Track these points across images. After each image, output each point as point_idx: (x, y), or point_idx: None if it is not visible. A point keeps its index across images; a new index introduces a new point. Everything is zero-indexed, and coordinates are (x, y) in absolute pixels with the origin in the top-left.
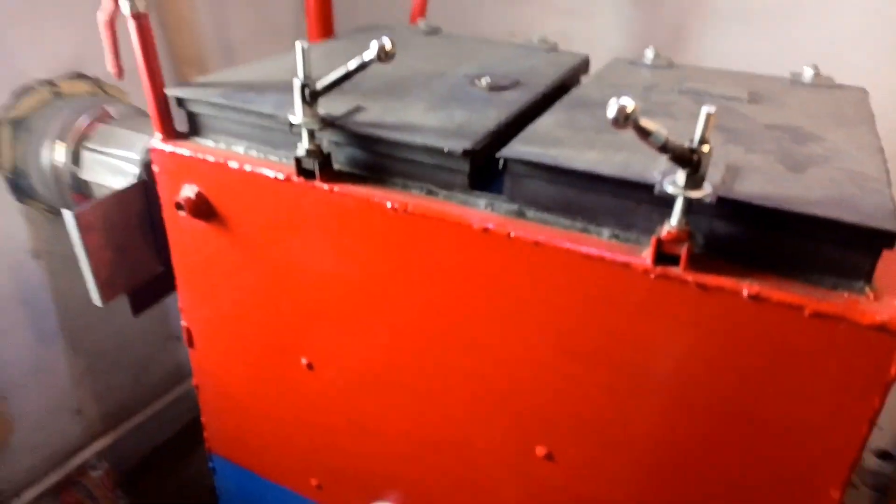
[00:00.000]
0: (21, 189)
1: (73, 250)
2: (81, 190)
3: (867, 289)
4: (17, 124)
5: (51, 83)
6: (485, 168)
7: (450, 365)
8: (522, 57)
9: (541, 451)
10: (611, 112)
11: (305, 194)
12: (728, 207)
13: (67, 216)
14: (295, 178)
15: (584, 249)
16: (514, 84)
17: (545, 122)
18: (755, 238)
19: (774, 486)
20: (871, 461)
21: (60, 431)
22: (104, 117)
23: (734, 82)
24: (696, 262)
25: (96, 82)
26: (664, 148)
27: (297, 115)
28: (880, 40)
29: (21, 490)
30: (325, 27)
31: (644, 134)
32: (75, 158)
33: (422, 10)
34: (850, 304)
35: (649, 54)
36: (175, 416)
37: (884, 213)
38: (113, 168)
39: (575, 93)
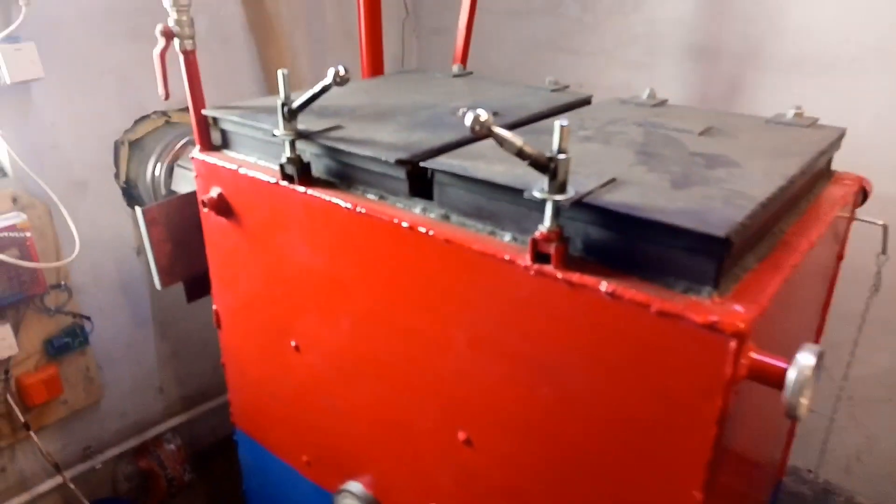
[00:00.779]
0: (131, 196)
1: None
2: None
3: (714, 293)
4: (133, 145)
5: (164, 113)
6: (430, 180)
7: (391, 350)
8: (523, 95)
9: (462, 435)
10: (467, 121)
11: (289, 196)
12: (594, 213)
13: (138, 211)
14: (281, 182)
15: (478, 247)
16: (491, 115)
17: (486, 143)
18: (622, 243)
19: (648, 485)
20: None
21: (143, 405)
22: None
23: (701, 119)
24: (572, 263)
25: None
26: (521, 154)
27: (280, 128)
28: None
29: (106, 448)
30: (376, 68)
31: (500, 141)
32: (169, 173)
33: (462, 58)
34: (691, 305)
35: (644, 94)
36: None
37: (724, 223)
38: (192, 181)
39: (540, 123)
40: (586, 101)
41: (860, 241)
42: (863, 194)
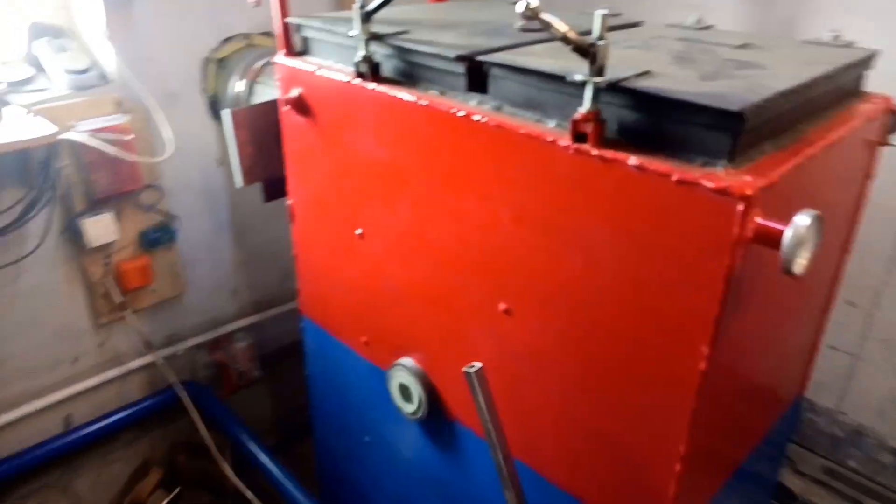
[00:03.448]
0: (215, 111)
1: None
2: None
3: (728, 166)
4: (220, 62)
5: (247, 36)
6: (486, 76)
7: (443, 232)
8: (577, 18)
9: (502, 306)
10: (519, 7)
11: (360, 94)
12: (627, 97)
13: (225, 113)
14: (354, 80)
15: (525, 131)
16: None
17: (539, 47)
18: (649, 124)
19: (662, 342)
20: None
21: (219, 304)
22: None
23: (741, 38)
24: (606, 143)
25: None
26: (565, 39)
27: (356, 29)
28: None
29: (187, 338)
30: None
31: (546, 25)
32: (250, 90)
33: None
34: (706, 175)
35: (690, 19)
36: None
37: (740, 101)
38: (271, 95)
39: None
40: (636, 25)
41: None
42: (893, 118)
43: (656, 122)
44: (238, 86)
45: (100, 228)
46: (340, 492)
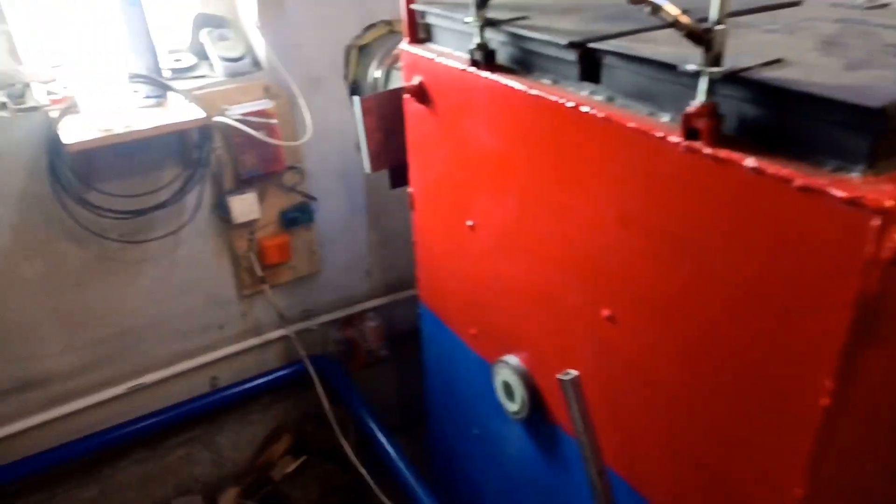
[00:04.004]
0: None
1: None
2: None
3: (867, 172)
4: (361, 49)
5: (389, 23)
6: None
7: (548, 228)
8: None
9: (605, 312)
10: None
11: (474, 82)
12: (747, 89)
13: (355, 100)
14: (468, 68)
15: (633, 125)
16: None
17: (664, 32)
18: (774, 120)
19: (778, 369)
20: None
21: (352, 284)
22: None
23: None
24: (723, 141)
25: None
26: (676, 25)
27: (470, 15)
28: None
29: (321, 314)
30: None
31: (655, 8)
32: (387, 76)
33: None
34: (836, 182)
35: None
36: None
37: (884, 96)
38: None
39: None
40: (794, 4)
41: None
42: None
43: (782, 119)
44: (377, 72)
45: (245, 206)
46: (450, 479)
